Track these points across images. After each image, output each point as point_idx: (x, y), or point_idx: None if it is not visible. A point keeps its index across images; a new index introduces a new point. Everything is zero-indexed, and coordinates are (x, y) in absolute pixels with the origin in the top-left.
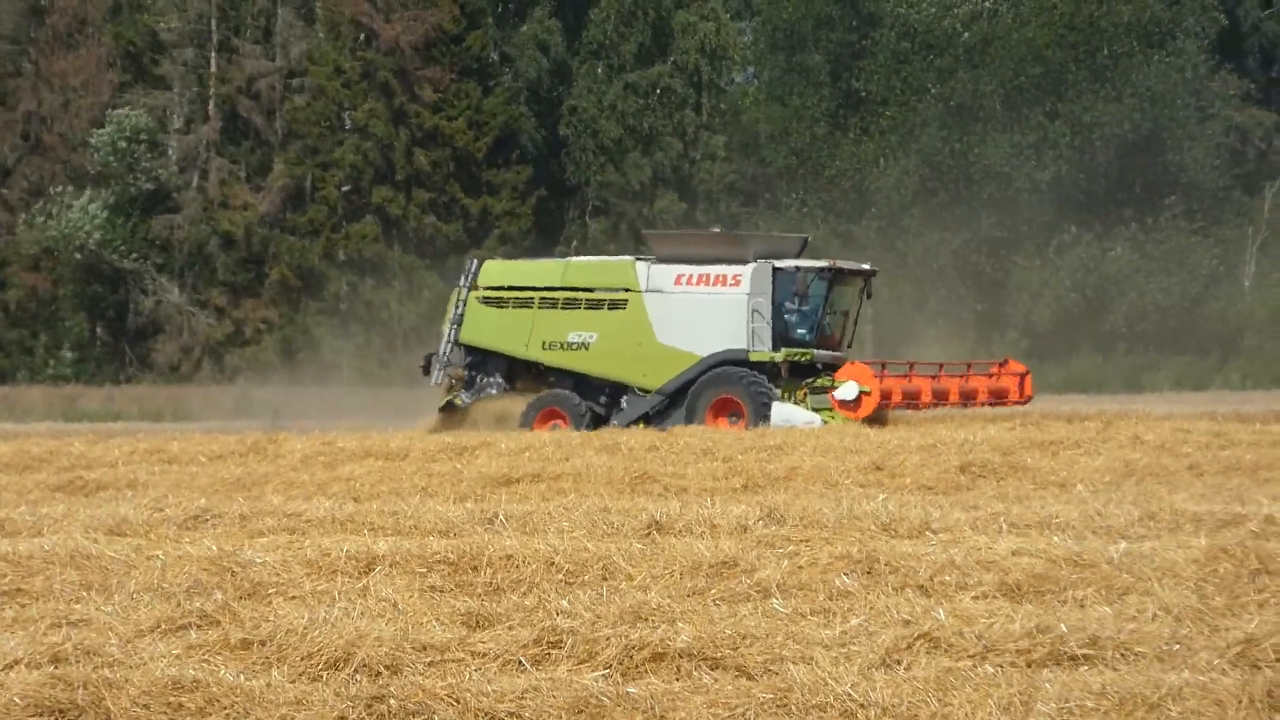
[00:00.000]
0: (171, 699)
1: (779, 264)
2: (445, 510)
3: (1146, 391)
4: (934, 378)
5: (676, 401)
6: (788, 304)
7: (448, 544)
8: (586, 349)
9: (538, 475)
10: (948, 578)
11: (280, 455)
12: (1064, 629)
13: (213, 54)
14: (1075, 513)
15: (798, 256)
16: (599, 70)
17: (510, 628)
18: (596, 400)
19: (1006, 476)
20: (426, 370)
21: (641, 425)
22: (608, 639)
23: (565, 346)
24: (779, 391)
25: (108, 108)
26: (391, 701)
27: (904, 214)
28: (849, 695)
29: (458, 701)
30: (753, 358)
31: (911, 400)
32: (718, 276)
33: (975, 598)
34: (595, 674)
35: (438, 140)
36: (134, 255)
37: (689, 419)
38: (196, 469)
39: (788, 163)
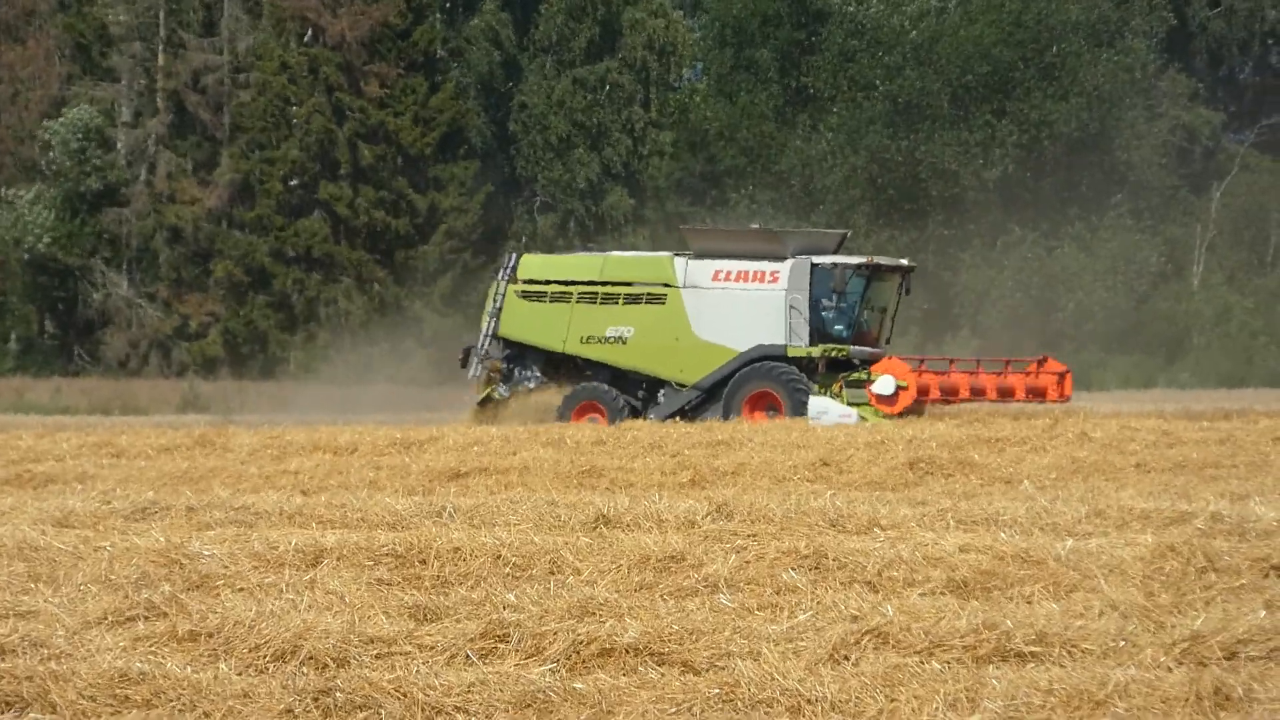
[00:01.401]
0: (118, 691)
1: (817, 260)
2: (393, 503)
3: (1094, 390)
4: (972, 374)
5: (713, 396)
6: (825, 300)
7: (395, 537)
8: (624, 343)
9: (486, 469)
10: (895, 574)
11: (228, 449)
12: (1011, 625)
13: (160, 47)
14: (1023, 509)
15: (835, 252)
16: (548, 66)
17: (457, 621)
18: (634, 394)
19: (954, 473)
20: (465, 363)
21: (679, 419)
22: (554, 633)
23: (603, 340)
24: (816, 386)
25: (56, 100)
26: (338, 694)
27: (852, 211)
28: (796, 690)
29: (404, 695)
30: (790, 353)
31: (949, 396)
32: (756, 272)
33: (923, 594)
34: (542, 668)
35: (384, 136)
36: (81, 251)
37: (726, 413)
38: (145, 462)
39: (736, 160)
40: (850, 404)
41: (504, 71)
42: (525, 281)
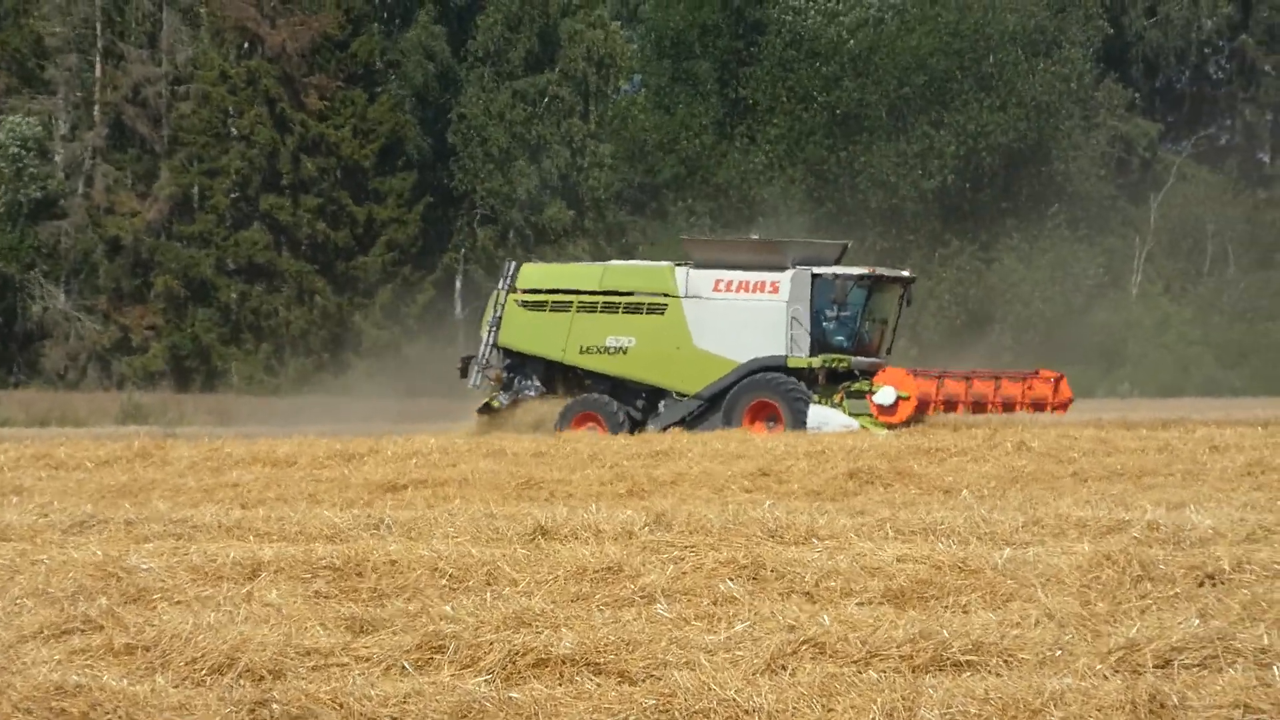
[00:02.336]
0: (54, 704)
1: (818, 270)
2: (331, 516)
3: None
4: (967, 383)
5: (714, 406)
6: (826, 310)
7: (333, 550)
8: (624, 353)
9: (424, 481)
10: (833, 584)
11: (167, 462)
12: (947, 635)
13: (98, 59)
14: (961, 519)
15: (836, 263)
16: (486, 78)
17: (394, 633)
18: (633, 404)
19: (893, 483)
20: (464, 373)
21: (678, 430)
22: (491, 644)
23: (603, 350)
24: (816, 397)
25: None
26: (275, 706)
27: (791, 223)
28: (733, 701)
29: (340, 706)
30: (791, 364)
31: (950, 407)
32: (757, 283)
33: (860, 604)
34: (478, 679)
35: (324, 148)
36: (19, 264)
37: (726, 423)
38: (83, 475)
39: (675, 171)
40: (851, 414)
41: (440, 84)
42: (525, 291)
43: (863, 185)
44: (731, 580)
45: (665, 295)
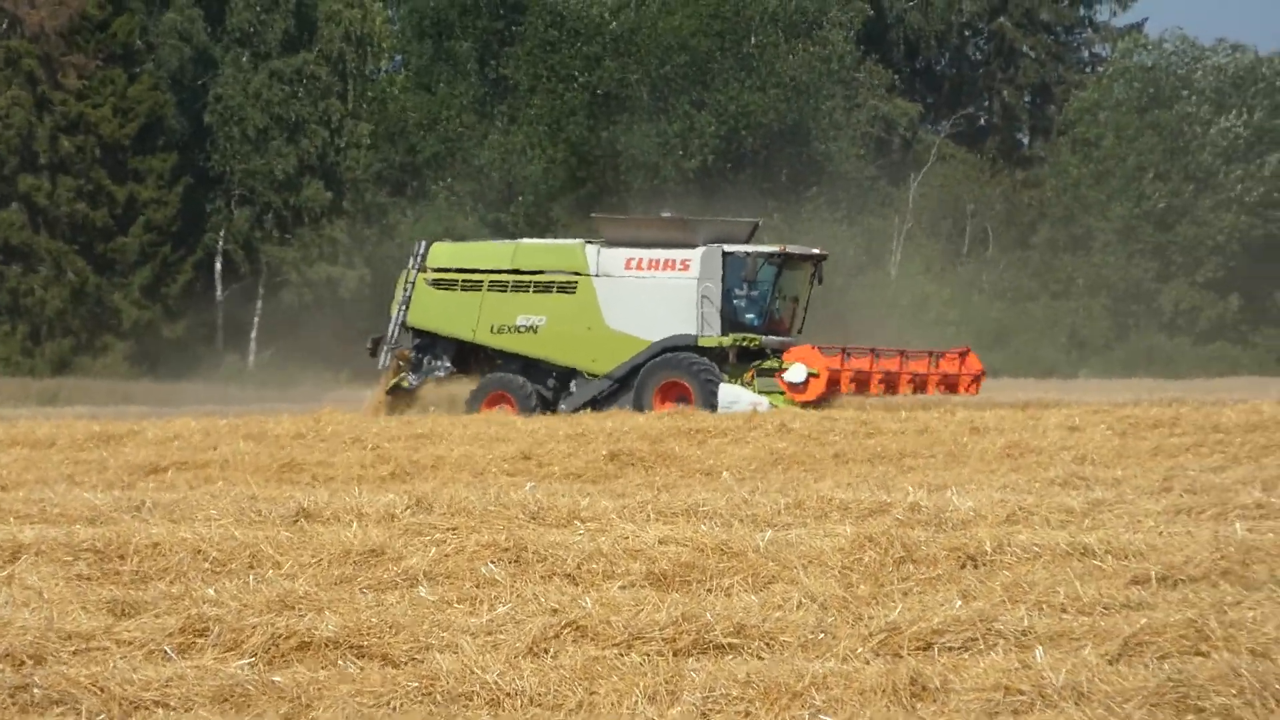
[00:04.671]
0: None
1: (729, 248)
2: (92, 498)
3: None
4: (873, 358)
5: (625, 386)
6: (737, 289)
7: (94, 532)
8: (535, 333)
9: (186, 463)
10: (595, 566)
11: None
12: (710, 618)
13: None
14: (722, 501)
15: (747, 241)
16: (244, 59)
17: (156, 616)
18: (544, 384)
19: (654, 465)
20: (374, 353)
21: (589, 410)
22: (254, 627)
23: (514, 330)
24: (727, 376)
25: None
26: (35, 690)
27: (552, 204)
28: (495, 684)
29: (102, 690)
30: (701, 343)
31: (863, 386)
32: (667, 261)
33: (623, 586)
34: (241, 662)
35: (83, 127)
36: None
37: (637, 404)
38: None
39: (436, 151)
40: (762, 392)
41: (196, 66)
42: (435, 270)
43: (624, 165)
44: (494, 563)
45: (576, 274)
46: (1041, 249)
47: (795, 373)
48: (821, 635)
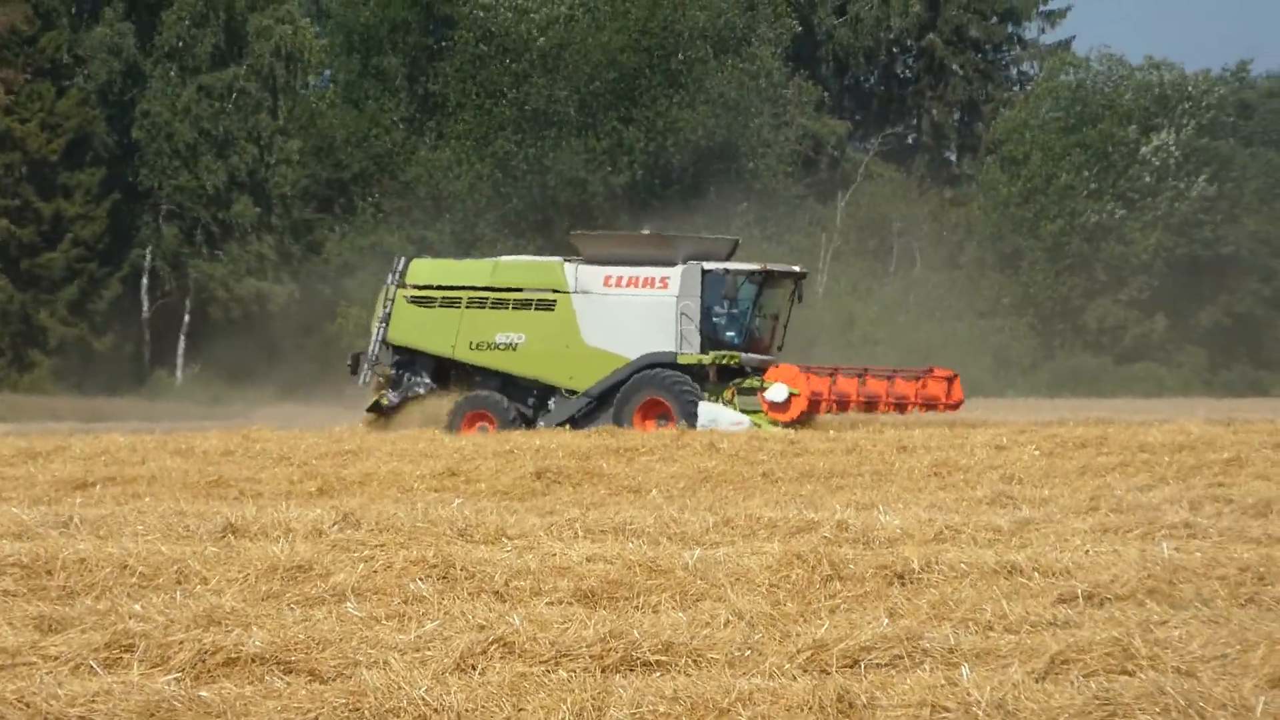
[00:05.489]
0: None
1: (708, 266)
2: (19, 513)
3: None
4: (860, 381)
5: (604, 403)
6: (716, 306)
7: (21, 547)
8: (514, 350)
9: (113, 478)
10: (523, 583)
11: None
12: (638, 635)
13: None
14: (651, 519)
15: (727, 259)
16: (172, 73)
17: (83, 631)
18: (524, 402)
19: (582, 482)
20: (355, 370)
21: (567, 428)
22: (181, 643)
23: (493, 347)
24: (707, 394)
25: None
26: None
27: (479, 220)
28: (423, 700)
29: (27, 706)
30: (681, 360)
31: (843, 406)
32: (647, 278)
33: (550, 603)
34: (167, 677)
35: (10, 143)
36: None
37: (617, 421)
38: None
39: (364, 167)
40: (743, 411)
41: (126, 80)
42: (415, 287)
43: (552, 181)
44: (421, 579)
45: (555, 291)
46: (969, 268)
47: (777, 392)
48: (749, 652)
